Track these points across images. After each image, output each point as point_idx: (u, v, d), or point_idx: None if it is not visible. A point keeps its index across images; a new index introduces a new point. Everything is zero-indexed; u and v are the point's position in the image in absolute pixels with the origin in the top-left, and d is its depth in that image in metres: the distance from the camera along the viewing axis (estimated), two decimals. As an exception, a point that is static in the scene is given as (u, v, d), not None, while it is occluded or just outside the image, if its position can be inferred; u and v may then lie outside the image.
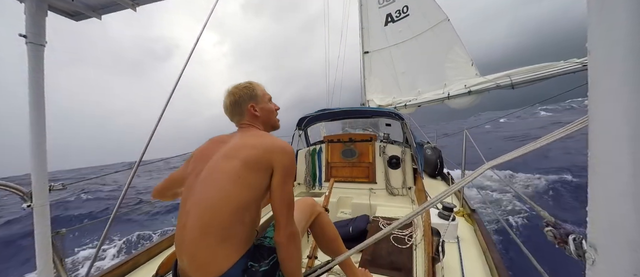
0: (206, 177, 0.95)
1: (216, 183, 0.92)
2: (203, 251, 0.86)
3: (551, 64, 3.96)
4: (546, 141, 0.62)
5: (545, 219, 0.69)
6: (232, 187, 0.90)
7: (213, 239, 0.86)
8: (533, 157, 9.64)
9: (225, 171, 0.93)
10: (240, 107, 1.12)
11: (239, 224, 0.90)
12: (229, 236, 0.88)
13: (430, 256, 1.46)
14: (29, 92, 1.09)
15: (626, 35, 0.34)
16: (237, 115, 1.13)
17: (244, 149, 0.96)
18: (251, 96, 1.13)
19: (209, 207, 0.88)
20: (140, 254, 1.88)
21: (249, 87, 1.14)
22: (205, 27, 1.80)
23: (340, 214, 3.18)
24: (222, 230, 0.87)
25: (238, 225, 0.90)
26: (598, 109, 0.39)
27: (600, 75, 0.38)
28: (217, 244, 0.87)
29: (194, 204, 0.92)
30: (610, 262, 0.38)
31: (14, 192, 1.09)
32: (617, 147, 0.36)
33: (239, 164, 0.92)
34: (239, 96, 1.11)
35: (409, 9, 6.54)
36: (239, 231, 0.90)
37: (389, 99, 6.55)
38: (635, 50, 0.34)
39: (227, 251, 0.88)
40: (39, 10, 1.10)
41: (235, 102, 1.12)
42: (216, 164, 0.97)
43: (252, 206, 0.93)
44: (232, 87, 1.15)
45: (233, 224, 0.89)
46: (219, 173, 0.94)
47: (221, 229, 0.87)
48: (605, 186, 0.39)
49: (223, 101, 1.15)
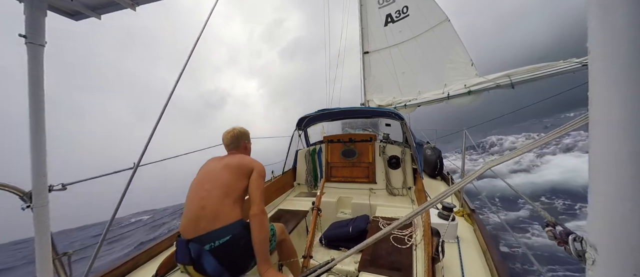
0: (217, 173, 1.49)
1: (225, 175, 1.46)
2: (225, 207, 1.36)
3: (551, 64, 3.96)
4: (545, 140, 0.62)
5: (545, 219, 0.69)
6: (234, 178, 1.46)
7: (230, 201, 1.39)
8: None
9: (228, 169, 1.50)
10: (238, 141, 1.73)
11: (240, 199, 1.44)
12: (237, 202, 1.41)
13: (430, 256, 1.46)
14: (29, 92, 1.08)
15: (626, 35, 0.34)
16: (233, 145, 1.71)
17: (238, 162, 1.55)
18: (246, 137, 1.79)
19: (225, 184, 1.42)
20: (140, 254, 1.88)
21: (246, 132, 1.80)
22: (205, 27, 1.79)
23: (340, 214, 3.18)
24: (234, 198, 1.41)
25: (240, 199, 1.44)
26: (598, 109, 0.39)
27: (600, 74, 0.38)
28: (231, 205, 1.38)
29: (212, 185, 1.43)
30: (610, 262, 0.38)
31: (13, 193, 1.09)
32: (617, 146, 0.36)
33: (236, 168, 1.50)
34: (240, 135, 1.74)
35: (409, 9, 6.54)
36: (240, 203, 1.43)
37: (389, 99, 6.55)
38: (635, 50, 0.34)
39: (237, 211, 1.39)
40: (38, 10, 1.10)
41: (236, 137, 1.72)
42: (221, 168, 1.51)
43: (243, 194, 1.47)
44: (234, 128, 1.76)
45: (238, 197, 1.43)
46: (225, 171, 1.49)
47: (233, 197, 1.41)
48: (605, 186, 0.39)
49: (225, 135, 1.73)
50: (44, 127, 1.13)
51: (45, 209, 1.14)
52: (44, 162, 1.14)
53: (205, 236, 1.27)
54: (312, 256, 1.94)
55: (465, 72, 5.57)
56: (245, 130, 1.78)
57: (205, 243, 1.26)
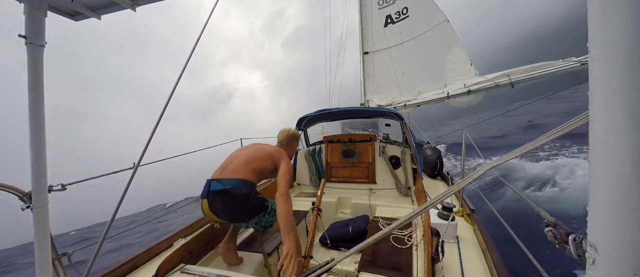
0: (251, 148, 2.00)
1: (255, 152, 1.93)
2: (243, 169, 1.79)
3: (550, 63, 3.97)
4: (545, 139, 0.62)
5: (545, 219, 0.69)
6: (261, 157, 1.91)
7: (250, 167, 1.82)
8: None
9: (262, 151, 1.95)
10: (289, 140, 2.19)
11: (257, 171, 1.85)
12: (254, 171, 1.83)
13: (430, 256, 1.46)
14: (29, 92, 1.08)
15: (626, 35, 0.34)
16: (285, 141, 2.17)
17: (273, 151, 1.98)
18: (296, 139, 2.27)
19: (251, 156, 1.89)
20: (141, 254, 1.88)
21: (297, 135, 2.27)
22: (205, 27, 1.79)
23: (340, 214, 3.18)
24: (253, 167, 1.83)
25: (257, 171, 1.85)
26: (598, 108, 0.39)
27: (600, 74, 0.38)
28: (248, 170, 1.80)
29: (243, 153, 1.93)
30: (610, 262, 0.38)
31: (12, 193, 1.09)
32: (617, 146, 0.36)
33: (267, 153, 1.94)
34: (292, 136, 2.21)
35: (409, 10, 6.55)
36: (257, 173, 1.85)
37: (388, 99, 6.55)
38: (635, 49, 0.34)
39: (250, 175, 1.79)
40: (38, 10, 1.10)
41: (290, 137, 2.19)
42: (258, 148, 2.00)
43: (261, 170, 1.88)
44: (289, 129, 2.23)
45: (256, 168, 1.84)
46: (258, 150, 1.96)
47: (252, 167, 1.83)
48: (605, 186, 0.39)
49: (282, 132, 2.19)
50: (43, 127, 1.13)
51: (45, 209, 1.14)
52: (43, 163, 1.14)
53: (222, 179, 1.72)
54: (312, 256, 1.94)
55: (465, 72, 5.58)
56: (297, 133, 2.28)
57: (219, 183, 1.70)
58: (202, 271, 1.65)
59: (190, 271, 1.68)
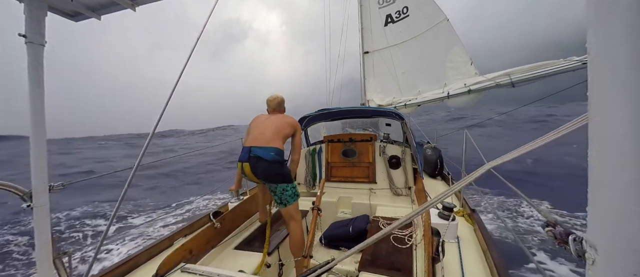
0: (272, 120, 2.29)
1: (277, 122, 2.26)
2: (275, 139, 2.13)
3: (551, 62, 3.96)
4: (545, 140, 0.62)
5: (545, 219, 0.69)
6: (282, 126, 2.26)
7: (279, 136, 2.17)
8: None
9: (279, 120, 2.29)
10: (280, 106, 2.46)
11: (283, 138, 2.22)
12: (281, 139, 2.19)
13: (430, 256, 1.46)
14: (29, 91, 1.08)
15: (626, 35, 0.34)
16: (278, 109, 2.44)
17: (285, 119, 2.34)
18: (283, 103, 2.50)
19: (277, 126, 2.22)
20: (141, 254, 1.88)
21: (283, 99, 2.50)
22: (206, 24, 1.79)
23: (340, 214, 3.18)
24: (281, 136, 2.19)
25: (283, 138, 2.22)
26: (598, 109, 0.39)
27: (600, 74, 0.38)
28: (278, 139, 2.16)
29: (269, 124, 2.23)
30: (610, 262, 0.38)
31: (13, 192, 1.09)
32: (617, 146, 0.36)
33: (283, 121, 2.30)
34: (282, 101, 2.47)
35: (409, 9, 6.54)
36: (283, 140, 2.22)
37: (389, 99, 6.54)
38: (635, 50, 0.34)
39: (280, 143, 2.14)
40: (38, 10, 1.10)
41: (279, 103, 2.45)
42: (275, 119, 2.30)
43: (284, 136, 2.24)
44: (276, 94, 2.48)
45: (283, 136, 2.22)
46: (277, 120, 2.28)
47: (281, 135, 2.19)
48: (605, 186, 0.39)
49: (271, 99, 2.45)
50: (44, 126, 1.13)
51: (45, 208, 1.15)
52: (44, 162, 1.14)
53: (264, 147, 2.06)
54: (312, 256, 1.94)
55: (465, 72, 5.57)
56: (283, 99, 2.53)
57: (262, 150, 2.04)
58: (203, 270, 1.66)
59: (190, 270, 1.68)
